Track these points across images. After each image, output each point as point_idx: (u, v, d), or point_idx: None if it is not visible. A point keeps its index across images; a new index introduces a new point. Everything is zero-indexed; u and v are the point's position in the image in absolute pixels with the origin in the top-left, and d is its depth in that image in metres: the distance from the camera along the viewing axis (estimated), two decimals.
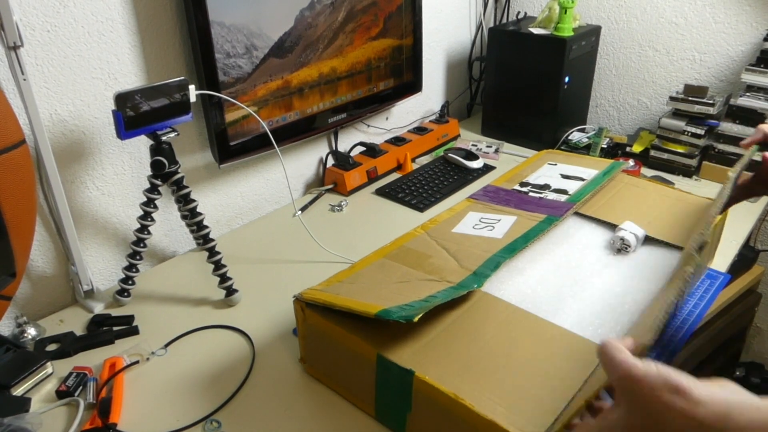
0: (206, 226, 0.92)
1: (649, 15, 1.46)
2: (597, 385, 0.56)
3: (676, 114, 1.36)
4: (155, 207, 0.89)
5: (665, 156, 1.37)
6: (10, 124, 0.67)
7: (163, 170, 0.86)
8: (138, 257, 0.92)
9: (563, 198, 0.96)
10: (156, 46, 0.96)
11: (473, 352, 0.67)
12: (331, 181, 1.31)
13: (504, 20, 1.71)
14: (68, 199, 0.89)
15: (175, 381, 0.79)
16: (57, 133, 0.89)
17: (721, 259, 1.03)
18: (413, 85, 1.40)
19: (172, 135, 0.86)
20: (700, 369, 1.46)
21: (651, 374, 0.40)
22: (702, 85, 1.32)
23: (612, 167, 1.05)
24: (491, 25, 1.71)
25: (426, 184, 1.31)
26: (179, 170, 0.88)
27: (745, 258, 1.48)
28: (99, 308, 0.93)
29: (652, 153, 1.38)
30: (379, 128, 1.48)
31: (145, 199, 0.88)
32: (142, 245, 0.91)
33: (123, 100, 0.78)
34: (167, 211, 1.07)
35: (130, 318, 0.90)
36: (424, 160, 1.45)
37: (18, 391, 0.76)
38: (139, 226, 0.90)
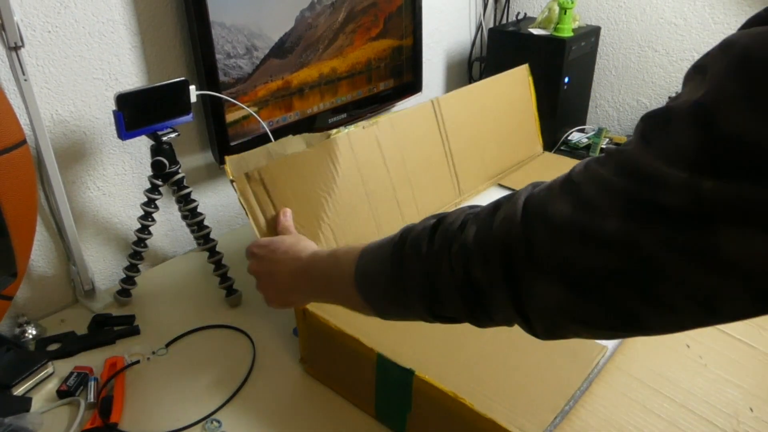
0: (207, 227, 0.93)
1: (649, 16, 1.47)
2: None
3: None
4: (156, 207, 0.90)
5: None
6: (10, 125, 0.68)
7: (164, 170, 0.86)
8: (139, 257, 0.92)
9: None
10: (157, 47, 0.96)
11: (473, 351, 0.67)
12: None
13: (504, 21, 1.71)
14: (69, 199, 0.89)
15: (175, 381, 0.79)
16: (58, 133, 0.89)
17: None
18: (413, 86, 1.40)
19: (173, 135, 0.87)
20: None
21: (250, 247, 0.67)
22: None
23: None
24: (491, 25, 1.71)
25: None
26: (180, 170, 0.89)
27: None
28: (100, 308, 0.93)
29: None
30: None
31: (145, 200, 0.89)
32: (142, 245, 0.91)
33: (124, 100, 0.79)
34: (168, 211, 1.07)
35: (130, 318, 0.90)
36: None
37: (19, 390, 0.76)
38: (139, 226, 0.90)
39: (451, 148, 1.02)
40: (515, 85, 1.19)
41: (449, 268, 0.44)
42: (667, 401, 0.63)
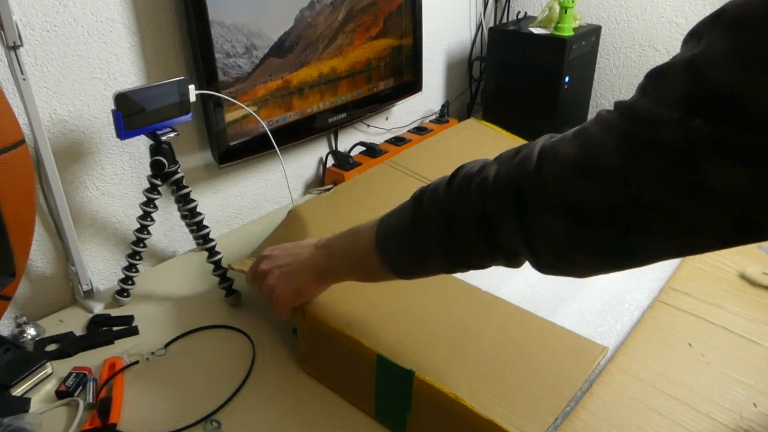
0: (206, 226, 0.92)
1: (650, 15, 1.46)
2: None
3: None
4: (155, 207, 0.89)
5: None
6: (9, 124, 0.67)
7: (163, 170, 0.86)
8: (138, 257, 0.92)
9: None
10: (156, 46, 0.96)
11: (473, 352, 0.67)
12: (330, 181, 1.30)
13: (504, 20, 1.71)
14: (68, 199, 0.89)
15: (175, 381, 0.79)
16: (56, 133, 0.89)
17: None
18: (413, 85, 1.40)
19: (172, 135, 0.86)
20: None
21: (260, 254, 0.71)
22: None
23: None
24: (491, 24, 1.71)
25: None
26: (179, 170, 0.88)
27: None
28: (99, 308, 0.93)
29: None
30: (379, 128, 1.48)
31: (144, 199, 0.88)
32: (141, 245, 0.91)
33: (123, 99, 0.78)
34: (167, 211, 1.06)
35: (129, 318, 0.90)
36: None
37: (17, 391, 0.76)
38: (138, 226, 0.90)
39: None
40: (474, 130, 1.23)
41: (467, 203, 0.50)
42: (670, 399, 0.63)
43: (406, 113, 1.55)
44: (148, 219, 0.90)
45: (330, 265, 0.65)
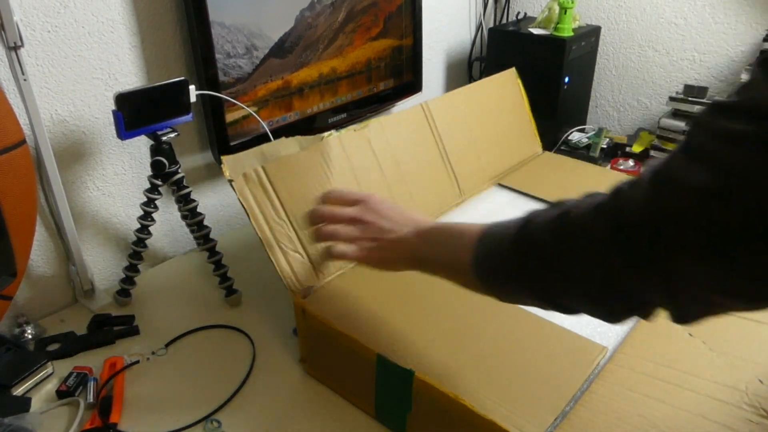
0: (206, 226, 0.93)
1: (649, 15, 1.46)
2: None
3: (676, 114, 1.36)
4: (155, 207, 0.90)
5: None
6: (10, 124, 0.68)
7: (164, 170, 0.86)
8: (138, 257, 0.92)
9: None
10: (156, 47, 0.96)
11: (473, 352, 0.67)
12: None
13: (504, 20, 1.71)
14: (69, 199, 0.89)
15: (175, 381, 0.79)
16: (57, 133, 0.89)
17: None
18: (413, 85, 1.40)
19: (173, 135, 0.86)
20: None
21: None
22: (702, 86, 1.33)
23: None
24: (491, 25, 1.71)
25: None
26: (179, 170, 0.88)
27: None
28: (99, 308, 0.93)
29: (652, 153, 1.38)
30: None
31: (145, 200, 0.88)
32: (142, 245, 0.91)
33: (123, 100, 0.78)
34: (167, 211, 1.07)
35: (130, 318, 0.90)
36: None
37: (18, 391, 0.76)
38: (139, 226, 0.90)
39: (446, 149, 1.02)
40: (504, 87, 1.20)
41: (581, 257, 0.44)
42: (671, 387, 0.63)
43: None
44: (149, 219, 0.90)
45: (426, 257, 0.61)
